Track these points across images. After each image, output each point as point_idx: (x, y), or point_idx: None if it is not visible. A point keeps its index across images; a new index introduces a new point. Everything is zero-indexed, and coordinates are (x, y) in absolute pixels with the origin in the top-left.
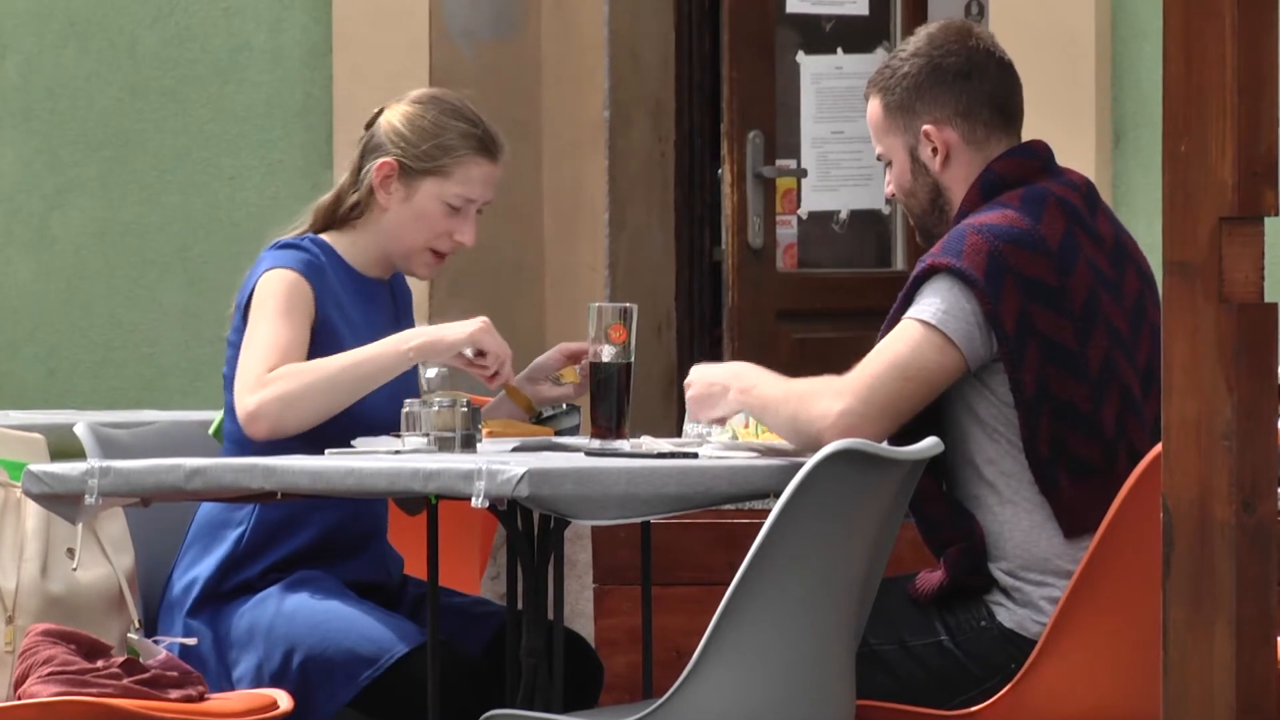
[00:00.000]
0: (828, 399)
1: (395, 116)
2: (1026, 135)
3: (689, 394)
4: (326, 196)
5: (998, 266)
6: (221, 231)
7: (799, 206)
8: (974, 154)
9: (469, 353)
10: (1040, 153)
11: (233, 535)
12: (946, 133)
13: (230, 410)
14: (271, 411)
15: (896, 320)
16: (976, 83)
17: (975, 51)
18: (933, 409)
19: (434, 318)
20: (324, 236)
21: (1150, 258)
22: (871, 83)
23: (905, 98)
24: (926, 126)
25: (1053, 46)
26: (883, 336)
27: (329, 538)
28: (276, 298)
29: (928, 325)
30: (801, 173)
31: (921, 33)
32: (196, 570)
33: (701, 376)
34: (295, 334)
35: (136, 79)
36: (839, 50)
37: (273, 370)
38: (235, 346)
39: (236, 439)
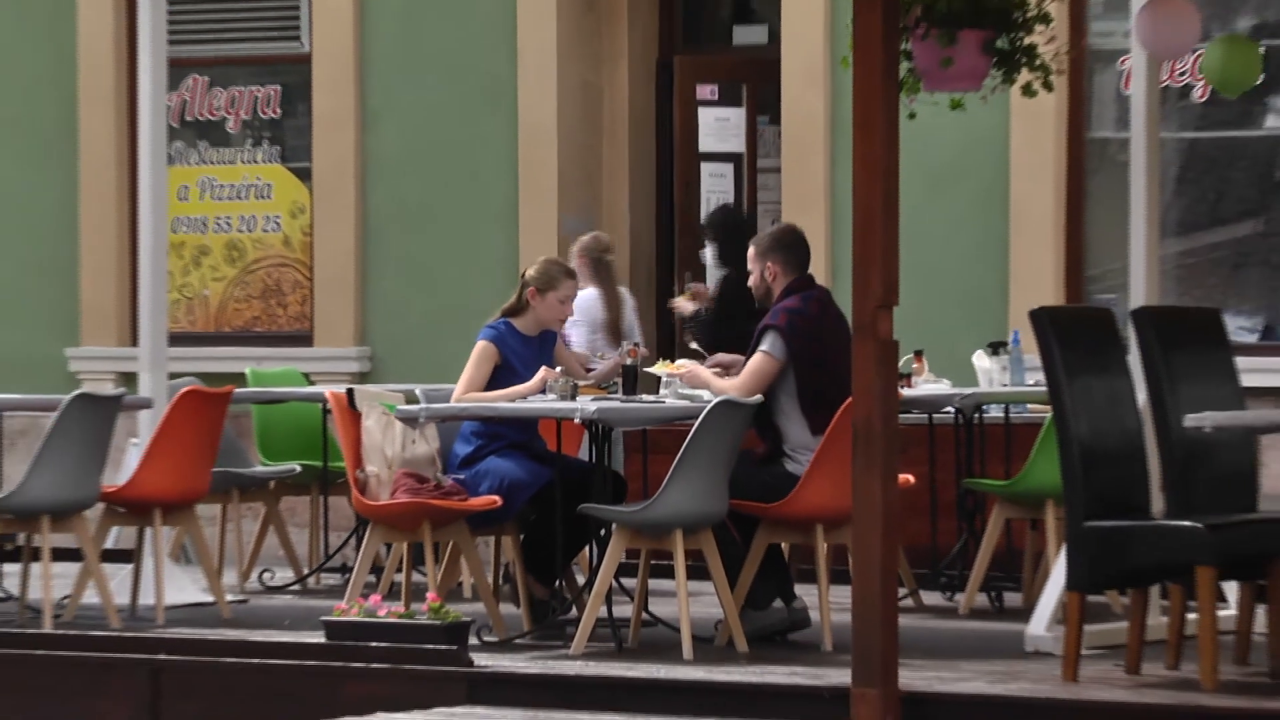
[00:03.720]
0: (737, 390)
1: (532, 270)
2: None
3: (685, 376)
4: (508, 302)
5: (792, 325)
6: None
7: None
8: (787, 278)
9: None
10: (810, 279)
11: (475, 439)
12: (776, 267)
13: None
14: None
15: (755, 352)
16: (793, 251)
17: (793, 237)
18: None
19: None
20: (509, 319)
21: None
22: (753, 241)
23: (763, 249)
24: (769, 263)
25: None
26: (749, 360)
27: (516, 438)
28: (475, 355)
29: (768, 354)
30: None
31: (775, 225)
32: (459, 449)
33: (693, 370)
34: (479, 375)
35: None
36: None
37: (464, 392)
38: None
39: None
